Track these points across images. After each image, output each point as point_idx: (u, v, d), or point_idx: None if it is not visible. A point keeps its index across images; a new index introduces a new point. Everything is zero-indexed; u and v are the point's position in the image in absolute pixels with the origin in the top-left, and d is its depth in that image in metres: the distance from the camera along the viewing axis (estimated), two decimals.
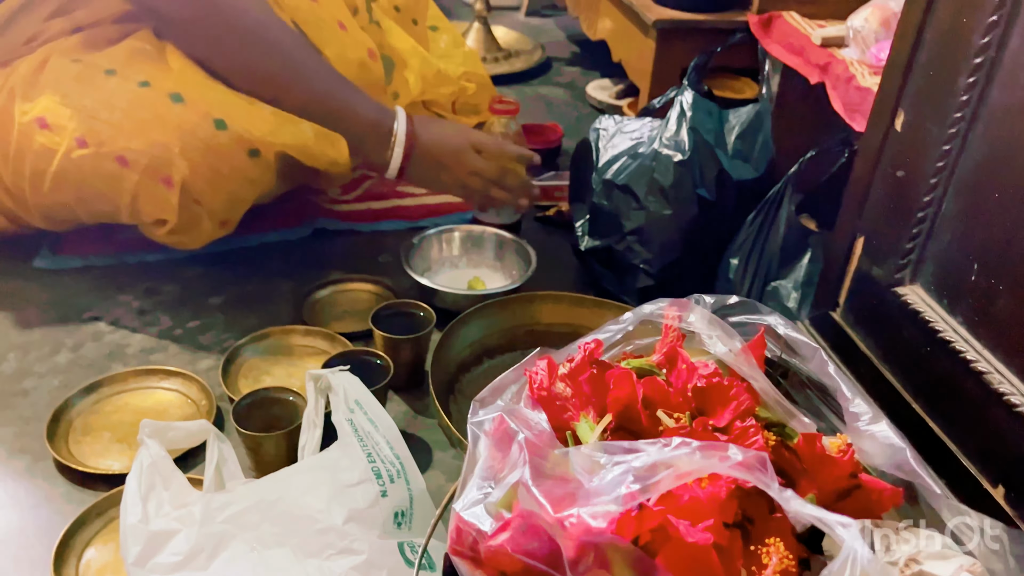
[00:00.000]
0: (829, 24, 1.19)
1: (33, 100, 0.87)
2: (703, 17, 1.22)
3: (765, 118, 0.94)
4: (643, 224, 0.93)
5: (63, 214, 0.94)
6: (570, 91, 1.63)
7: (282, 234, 1.09)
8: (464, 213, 1.16)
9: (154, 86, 0.87)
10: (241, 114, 0.89)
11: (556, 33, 1.94)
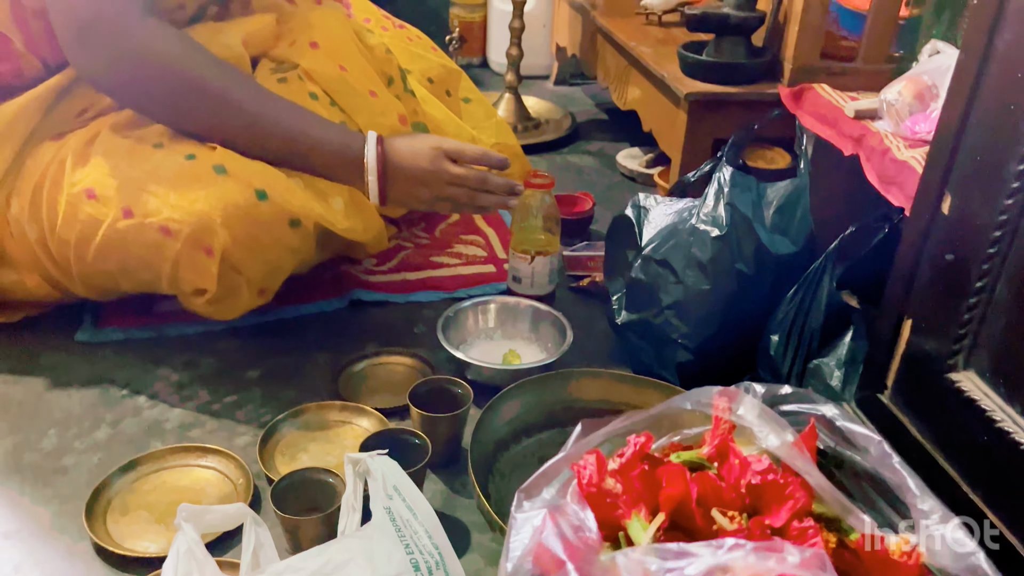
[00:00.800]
0: (861, 96, 1.20)
1: (83, 172, 0.89)
2: (734, 90, 1.23)
3: (803, 193, 0.94)
4: (681, 298, 0.93)
5: (105, 283, 0.95)
6: (600, 159, 1.65)
7: (318, 305, 1.10)
8: (499, 283, 1.17)
9: (199, 158, 0.89)
10: (282, 185, 0.91)
11: (585, 101, 1.97)
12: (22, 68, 0.91)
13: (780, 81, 1.25)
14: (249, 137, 0.91)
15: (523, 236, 1.09)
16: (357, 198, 0.98)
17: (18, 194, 0.91)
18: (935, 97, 1.06)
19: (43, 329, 1.01)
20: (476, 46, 2.13)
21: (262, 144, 0.91)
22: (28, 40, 0.90)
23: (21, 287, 0.96)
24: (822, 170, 1.19)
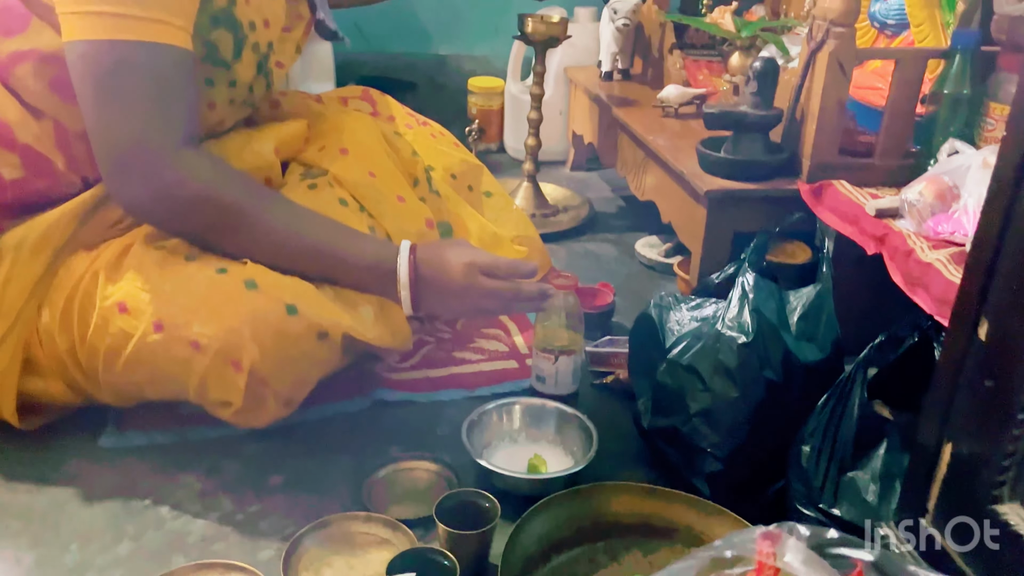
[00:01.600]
0: (881, 191, 1.21)
1: (116, 285, 0.90)
2: (753, 186, 1.25)
3: (827, 299, 0.94)
4: (709, 406, 0.92)
5: (132, 392, 0.96)
6: (618, 247, 1.66)
7: (342, 406, 1.10)
8: (522, 380, 1.16)
9: (230, 272, 0.90)
10: (311, 298, 0.91)
11: (602, 187, 1.99)
12: (60, 184, 0.94)
13: (799, 177, 1.26)
14: (284, 256, 0.92)
15: (546, 335, 1.09)
16: (386, 305, 0.99)
17: (49, 304, 0.92)
18: (956, 197, 1.07)
19: (66, 434, 1.01)
20: (494, 132, 2.17)
21: (296, 262, 0.92)
22: (69, 161, 0.93)
23: (46, 394, 0.97)
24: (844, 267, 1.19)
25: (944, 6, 1.26)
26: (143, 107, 0.84)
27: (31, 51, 0.87)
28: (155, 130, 0.84)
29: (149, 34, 0.82)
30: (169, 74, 0.84)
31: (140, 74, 0.82)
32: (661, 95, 1.60)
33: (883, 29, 1.35)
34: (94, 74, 0.82)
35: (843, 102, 1.21)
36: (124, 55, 0.81)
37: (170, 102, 0.85)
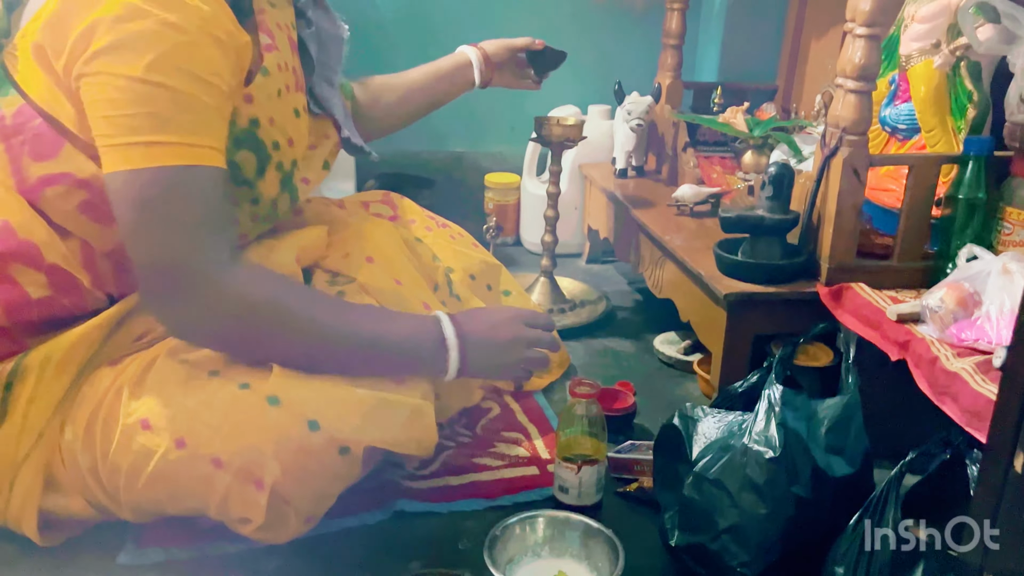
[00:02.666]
0: (900, 294, 1.21)
1: (139, 401, 0.90)
2: (772, 289, 1.25)
3: (856, 411, 0.93)
4: (738, 522, 0.90)
5: (152, 508, 0.95)
6: (636, 343, 1.65)
7: (361, 518, 1.08)
8: (544, 488, 1.15)
9: (253, 387, 0.90)
10: (334, 412, 0.91)
11: (618, 280, 2.00)
12: (86, 301, 0.95)
13: (818, 279, 1.26)
14: (334, 358, 0.93)
15: (569, 444, 1.08)
16: (416, 411, 0.97)
17: (72, 421, 0.92)
18: (978, 304, 1.07)
19: (85, 551, 0.99)
20: (510, 226, 2.20)
21: (345, 360, 0.94)
22: (95, 279, 0.94)
23: (67, 510, 0.96)
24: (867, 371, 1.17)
25: (954, 112, 1.29)
26: (192, 229, 0.85)
27: (62, 175, 0.88)
28: (207, 250, 0.86)
29: (189, 158, 0.83)
30: (211, 194, 0.86)
31: (185, 197, 0.84)
32: (676, 194, 1.63)
33: (894, 133, 1.37)
34: (140, 202, 0.83)
35: (859, 206, 1.22)
36: (168, 180, 0.83)
37: (216, 221, 0.87)
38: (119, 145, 0.82)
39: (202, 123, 0.84)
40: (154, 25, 0.79)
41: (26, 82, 0.87)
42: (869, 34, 1.14)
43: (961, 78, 1.27)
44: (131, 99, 0.80)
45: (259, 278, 0.91)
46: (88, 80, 0.81)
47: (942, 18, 1.27)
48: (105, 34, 0.79)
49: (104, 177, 0.84)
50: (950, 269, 1.19)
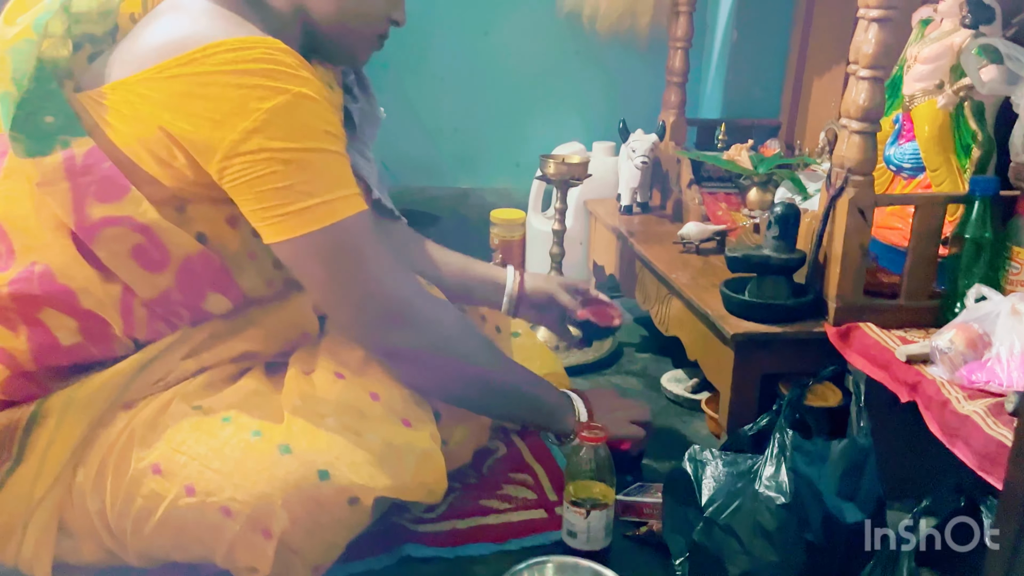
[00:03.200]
0: (909, 333, 1.21)
1: (151, 446, 0.90)
2: (780, 329, 1.25)
3: (868, 457, 0.93)
4: (749, 569, 0.89)
5: (159, 554, 0.94)
6: (643, 380, 1.65)
7: (367, 563, 1.07)
8: (552, 532, 1.13)
9: (265, 436, 0.90)
10: (345, 461, 0.91)
11: (623, 316, 1.99)
12: (115, 348, 0.95)
13: (825, 319, 1.26)
14: (496, 403, 1.09)
15: (578, 489, 1.07)
16: (430, 454, 0.97)
17: (85, 464, 0.92)
18: (988, 346, 1.06)
19: None
20: (515, 263, 2.20)
21: (503, 406, 1.11)
22: (128, 326, 0.95)
23: (76, 555, 0.95)
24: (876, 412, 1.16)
25: (959, 152, 1.29)
26: (387, 264, 0.94)
27: (123, 218, 0.90)
28: (406, 279, 0.98)
29: (357, 205, 0.91)
30: (377, 231, 0.94)
31: (369, 239, 0.92)
32: (682, 232, 1.63)
33: (899, 172, 1.38)
34: (334, 254, 0.90)
35: (865, 246, 1.22)
36: (352, 228, 0.90)
37: (390, 252, 0.96)
38: (295, 211, 0.87)
39: (349, 173, 0.92)
40: (292, 99, 0.85)
41: (115, 129, 0.89)
42: (872, 76, 1.15)
43: (965, 118, 1.28)
44: (296, 167, 0.86)
45: (449, 305, 1.04)
46: (244, 159, 0.85)
47: (945, 59, 1.29)
48: (250, 116, 0.84)
49: (279, 246, 0.90)
50: (958, 309, 1.19)
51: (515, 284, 1.28)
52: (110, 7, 0.97)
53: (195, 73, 0.85)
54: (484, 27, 2.15)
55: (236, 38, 0.87)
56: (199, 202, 0.94)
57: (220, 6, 0.93)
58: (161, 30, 0.90)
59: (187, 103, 0.86)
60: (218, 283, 0.98)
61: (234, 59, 0.85)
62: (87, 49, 0.96)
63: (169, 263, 0.93)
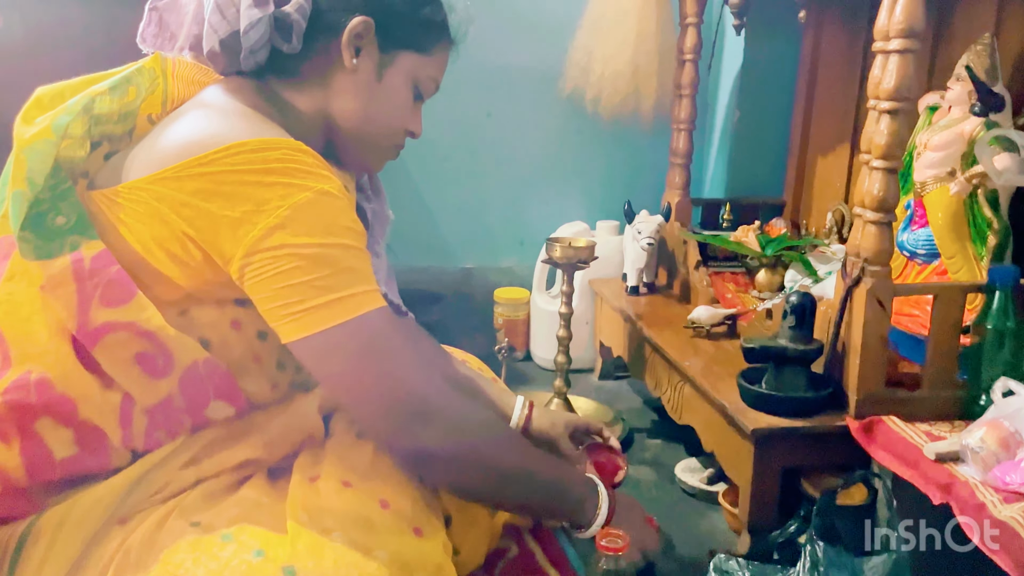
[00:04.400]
0: (935, 426, 1.17)
1: (147, 568, 0.85)
2: (801, 423, 1.21)
3: (904, 571, 0.88)
4: None
5: None
6: (656, 470, 1.60)
7: None
8: None
9: (268, 556, 0.85)
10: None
11: (632, 398, 1.96)
12: (111, 460, 0.91)
13: (846, 411, 1.22)
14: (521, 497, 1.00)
15: None
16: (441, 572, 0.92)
17: None
18: (1020, 444, 1.02)
19: None
20: (520, 341, 2.17)
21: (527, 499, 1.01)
22: (125, 437, 0.90)
23: None
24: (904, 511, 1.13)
25: (974, 239, 1.28)
26: (411, 360, 0.89)
27: (128, 323, 0.87)
28: (431, 375, 0.93)
29: (378, 300, 0.88)
30: (397, 325, 0.91)
31: (393, 334, 0.88)
32: (692, 316, 1.60)
33: (913, 257, 1.36)
34: (358, 350, 0.87)
35: (885, 337, 1.20)
36: (375, 322, 0.87)
37: (413, 347, 0.93)
38: (317, 306, 0.84)
39: (370, 269, 0.90)
40: (314, 196, 0.84)
41: (130, 228, 0.87)
42: (887, 167, 1.14)
43: (979, 205, 1.27)
44: (318, 262, 0.84)
45: (474, 400, 1.02)
46: (266, 255, 0.83)
47: (955, 146, 1.28)
48: (273, 213, 0.83)
49: (299, 343, 0.86)
50: (984, 401, 1.16)
51: (521, 419, 1.21)
52: (131, 108, 0.96)
53: (216, 172, 0.84)
54: (487, 108, 2.17)
55: (258, 139, 0.86)
56: (204, 306, 0.91)
57: (245, 105, 0.92)
58: (183, 129, 0.89)
59: (207, 202, 0.84)
60: (222, 389, 0.94)
61: (256, 159, 0.84)
62: (104, 148, 0.95)
63: (173, 369, 0.90)
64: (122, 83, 0.95)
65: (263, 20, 0.92)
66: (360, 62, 0.96)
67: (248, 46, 0.93)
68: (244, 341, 0.94)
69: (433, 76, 1.03)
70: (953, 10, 1.44)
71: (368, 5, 0.95)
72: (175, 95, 0.99)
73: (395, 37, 0.97)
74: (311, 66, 0.97)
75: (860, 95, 1.79)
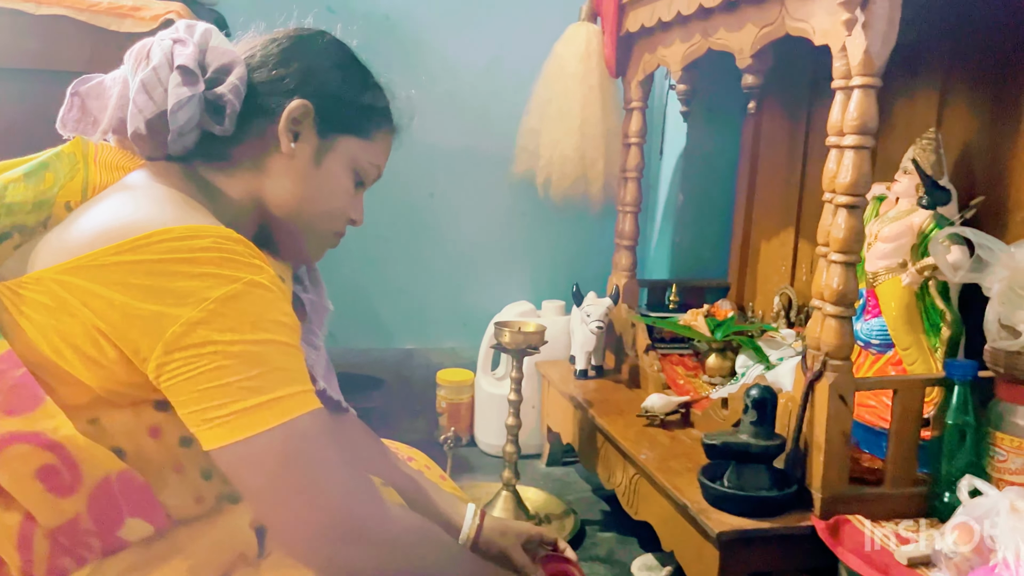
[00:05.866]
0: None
1: None
2: (767, 525, 1.16)
3: None
4: None
5: None
6: (611, 567, 1.53)
7: None
8: None
9: None
10: None
11: (580, 486, 1.89)
12: None
13: (811, 511, 1.18)
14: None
15: None
16: None
17: None
18: (992, 549, 0.99)
19: None
20: (463, 426, 2.09)
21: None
22: (26, 565, 0.79)
23: None
24: None
25: (928, 330, 1.28)
26: (340, 470, 0.81)
27: (33, 434, 0.77)
28: (362, 487, 0.83)
29: (311, 403, 0.80)
30: (332, 430, 0.82)
31: (323, 442, 0.80)
32: (646, 404, 1.56)
33: (867, 347, 1.35)
34: (284, 458, 0.78)
35: (847, 432, 1.17)
36: (304, 429, 0.79)
37: (347, 456, 0.83)
38: (242, 410, 0.75)
39: (304, 368, 0.82)
40: (243, 288, 0.77)
41: (35, 323, 0.77)
42: (846, 260, 1.13)
43: (931, 297, 1.27)
44: (247, 361, 0.76)
45: (406, 514, 0.90)
46: (187, 353, 0.75)
47: (906, 238, 1.29)
48: (197, 306, 0.75)
49: (221, 451, 0.76)
50: (948, 498, 1.14)
51: (472, 529, 1.11)
52: (48, 196, 0.87)
53: (135, 262, 0.76)
54: (430, 188, 2.13)
55: (184, 226, 0.78)
56: (118, 411, 0.82)
57: (174, 189, 0.85)
58: (100, 215, 0.81)
59: (123, 294, 0.75)
60: (138, 505, 0.83)
61: (180, 248, 0.76)
62: (15, 239, 0.86)
63: (81, 485, 0.79)
64: (38, 169, 0.87)
65: (193, 100, 0.86)
66: (298, 147, 0.90)
67: (176, 127, 0.86)
68: (164, 449, 0.84)
69: (375, 162, 0.98)
70: (893, 105, 1.48)
71: (307, 88, 0.90)
72: (97, 182, 0.91)
73: (335, 122, 0.92)
74: (244, 150, 0.90)
75: (803, 182, 1.82)
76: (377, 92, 0.97)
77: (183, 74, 0.86)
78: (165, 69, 0.87)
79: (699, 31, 1.51)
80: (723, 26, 1.43)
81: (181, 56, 0.88)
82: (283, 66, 0.91)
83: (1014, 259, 1.10)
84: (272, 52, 0.93)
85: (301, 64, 0.92)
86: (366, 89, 0.96)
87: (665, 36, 1.65)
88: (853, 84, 1.10)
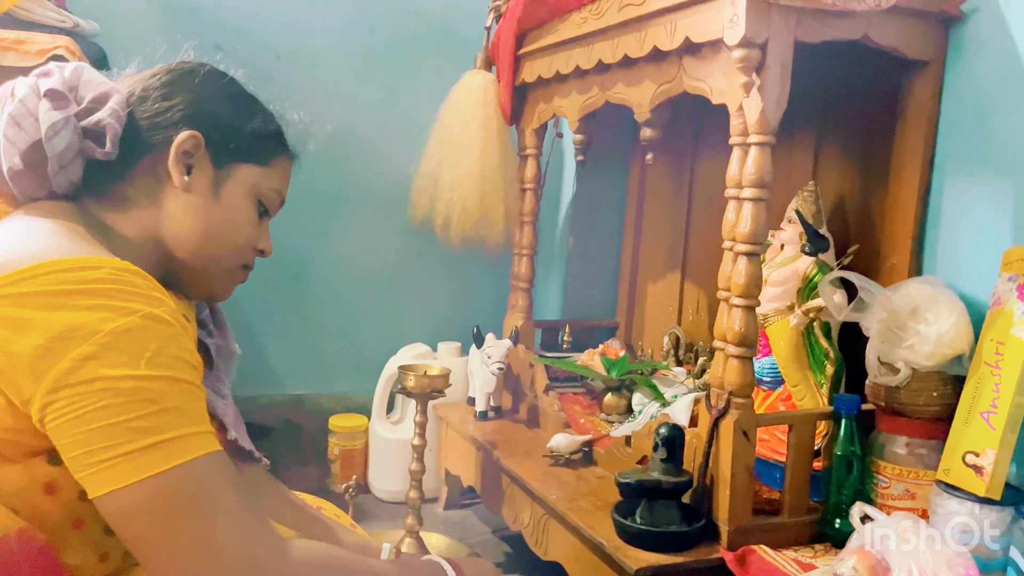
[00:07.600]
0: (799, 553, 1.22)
1: None
2: (681, 559, 1.20)
3: None
4: None
5: None
6: None
7: None
8: None
9: None
10: None
11: (480, 529, 1.88)
12: None
13: (718, 543, 1.24)
14: None
15: None
16: None
17: None
18: (888, 571, 1.08)
19: None
20: (358, 472, 2.04)
21: None
22: None
23: None
24: None
25: (813, 368, 1.38)
26: (240, 514, 0.75)
27: None
28: (264, 531, 0.77)
29: (209, 444, 0.75)
30: (232, 476, 0.76)
31: (221, 485, 0.75)
32: (551, 445, 1.58)
33: (759, 384, 1.44)
34: (179, 504, 0.72)
35: (751, 467, 1.24)
36: (201, 472, 0.73)
37: (248, 501, 0.77)
38: (132, 452, 0.69)
39: (203, 408, 0.77)
40: (140, 320, 0.72)
41: None
42: (747, 304, 1.21)
43: (816, 336, 1.38)
44: (139, 399, 0.71)
45: (313, 547, 0.83)
46: (74, 391, 0.69)
47: (792, 282, 1.39)
48: (87, 340, 0.69)
49: (107, 499, 0.70)
50: (838, 523, 1.22)
51: None
52: None
53: (19, 294, 0.69)
54: (323, 229, 2.09)
55: (76, 257, 0.73)
56: (9, 466, 0.74)
57: (68, 222, 0.79)
58: None
59: (5, 328, 0.69)
60: (39, 567, 0.76)
61: (70, 279, 0.71)
62: None
63: None
64: None
65: (68, 124, 0.81)
66: (193, 180, 0.87)
67: (55, 155, 0.81)
68: (61, 505, 0.77)
69: (276, 188, 0.95)
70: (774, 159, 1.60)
71: (194, 119, 0.88)
72: None
73: (229, 150, 0.90)
74: (138, 188, 0.86)
75: (687, 228, 1.92)
76: (268, 117, 0.95)
77: (52, 98, 0.81)
78: (33, 99, 0.82)
79: (597, 84, 1.58)
80: (622, 80, 1.50)
81: (48, 84, 0.82)
82: (166, 99, 0.88)
83: (891, 301, 1.22)
84: (153, 86, 0.89)
85: (185, 96, 0.89)
86: (253, 115, 0.94)
87: (562, 87, 1.71)
88: (751, 141, 1.19)
